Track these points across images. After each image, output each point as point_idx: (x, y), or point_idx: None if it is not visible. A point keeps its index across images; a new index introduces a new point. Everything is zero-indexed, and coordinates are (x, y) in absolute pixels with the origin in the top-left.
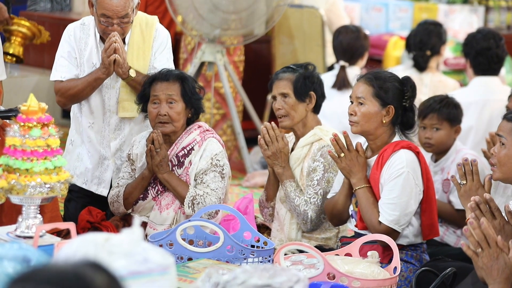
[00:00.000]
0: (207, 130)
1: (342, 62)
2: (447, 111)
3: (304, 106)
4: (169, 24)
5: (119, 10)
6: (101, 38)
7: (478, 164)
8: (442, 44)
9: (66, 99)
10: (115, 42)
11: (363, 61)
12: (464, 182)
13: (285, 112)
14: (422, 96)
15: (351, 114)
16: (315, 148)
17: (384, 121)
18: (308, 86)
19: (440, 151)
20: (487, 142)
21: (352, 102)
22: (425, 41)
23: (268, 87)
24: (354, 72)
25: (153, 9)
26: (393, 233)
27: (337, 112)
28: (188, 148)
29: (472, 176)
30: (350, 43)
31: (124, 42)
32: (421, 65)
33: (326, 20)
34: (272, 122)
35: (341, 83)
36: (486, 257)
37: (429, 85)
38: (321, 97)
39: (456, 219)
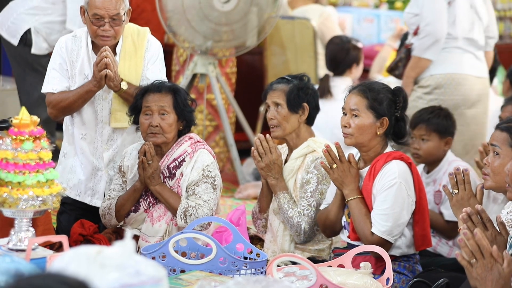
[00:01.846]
0: (198, 141)
1: (327, 71)
2: (437, 121)
3: (297, 118)
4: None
5: (111, 8)
6: (93, 49)
7: (470, 174)
8: None
9: (58, 111)
10: (106, 57)
11: (351, 73)
12: (456, 191)
13: (277, 122)
14: None
15: (345, 126)
16: (308, 160)
17: (378, 133)
18: (301, 98)
19: (428, 162)
20: (480, 152)
21: (345, 114)
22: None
23: (262, 97)
24: (344, 83)
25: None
26: (386, 244)
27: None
28: (179, 160)
29: (464, 186)
30: (333, 53)
31: (115, 53)
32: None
33: (319, 33)
34: (267, 134)
35: (321, 91)
36: (480, 267)
37: None
38: (314, 108)
39: (447, 230)
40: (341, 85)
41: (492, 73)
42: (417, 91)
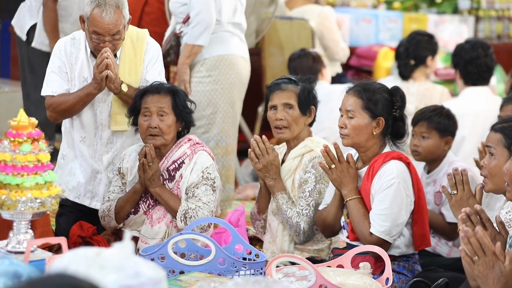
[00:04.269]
0: (197, 143)
1: None
2: (438, 120)
3: (304, 120)
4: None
5: (111, 28)
6: (92, 52)
7: (470, 174)
8: (429, 55)
9: (58, 114)
10: (107, 58)
11: (323, 77)
12: (455, 192)
13: (287, 124)
14: (408, 105)
15: (342, 127)
16: (306, 159)
17: (374, 133)
18: (310, 100)
19: (427, 160)
20: (479, 151)
21: (342, 115)
22: (410, 50)
23: (266, 96)
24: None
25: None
26: (385, 244)
27: None
28: (178, 162)
29: (463, 186)
30: (296, 69)
31: (115, 56)
32: (403, 74)
33: (318, 33)
34: (263, 135)
35: None
36: (482, 265)
37: (416, 93)
38: (316, 111)
39: (448, 232)
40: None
41: (489, 72)
42: (195, 77)
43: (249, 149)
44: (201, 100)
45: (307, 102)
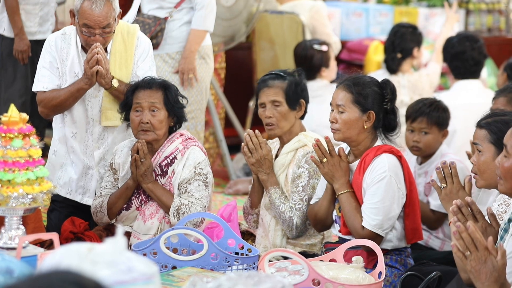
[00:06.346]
0: (189, 138)
1: None
2: (437, 115)
3: (294, 114)
4: None
5: (101, 20)
6: (82, 47)
7: (460, 166)
8: (415, 47)
9: (49, 110)
10: (97, 53)
11: (323, 76)
12: (444, 185)
13: (276, 121)
14: (403, 97)
15: (333, 122)
16: (299, 154)
17: (365, 127)
18: (299, 94)
19: (427, 155)
20: (472, 144)
21: (332, 110)
22: (396, 44)
23: (255, 93)
24: (318, 85)
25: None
26: (377, 238)
27: None
28: (171, 157)
29: (452, 179)
30: (298, 61)
31: (106, 51)
32: (391, 68)
33: (310, 27)
34: (256, 130)
35: None
36: (474, 260)
37: (407, 85)
38: (307, 104)
39: (430, 220)
40: (317, 89)
41: (477, 66)
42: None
43: (242, 143)
44: (197, 86)
45: (295, 97)
